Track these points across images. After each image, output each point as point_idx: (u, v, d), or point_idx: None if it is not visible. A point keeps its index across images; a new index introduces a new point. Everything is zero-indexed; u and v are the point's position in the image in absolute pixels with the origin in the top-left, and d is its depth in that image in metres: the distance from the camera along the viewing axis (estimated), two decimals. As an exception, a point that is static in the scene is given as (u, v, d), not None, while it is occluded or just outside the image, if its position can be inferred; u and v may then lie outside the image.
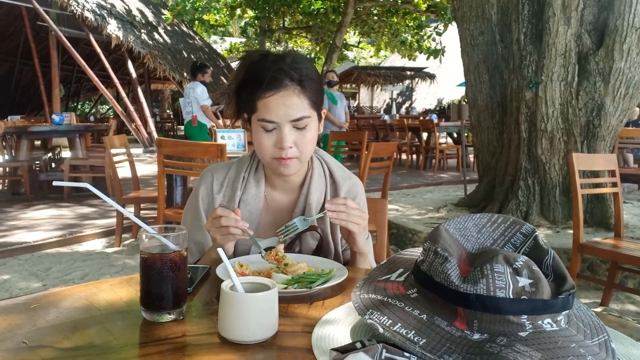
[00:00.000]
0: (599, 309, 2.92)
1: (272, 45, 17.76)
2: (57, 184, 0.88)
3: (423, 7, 12.73)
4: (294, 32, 16.25)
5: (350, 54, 25.03)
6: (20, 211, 5.36)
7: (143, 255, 0.88)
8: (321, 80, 1.25)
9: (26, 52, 13.74)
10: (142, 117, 12.52)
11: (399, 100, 22.06)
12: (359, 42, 21.61)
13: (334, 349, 0.66)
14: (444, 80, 18.60)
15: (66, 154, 6.09)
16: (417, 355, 0.63)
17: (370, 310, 0.71)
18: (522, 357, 0.59)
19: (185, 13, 11.31)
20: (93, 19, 11.00)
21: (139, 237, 0.90)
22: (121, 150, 4.21)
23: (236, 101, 1.23)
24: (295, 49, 19.22)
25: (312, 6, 13.73)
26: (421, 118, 12.47)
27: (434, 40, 13.27)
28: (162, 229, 0.90)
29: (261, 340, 0.78)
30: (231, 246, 1.15)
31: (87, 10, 11.00)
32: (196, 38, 15.13)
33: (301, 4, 13.53)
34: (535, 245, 0.74)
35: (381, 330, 0.67)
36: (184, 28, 14.73)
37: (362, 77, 17.80)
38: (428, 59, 13.20)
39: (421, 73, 17.86)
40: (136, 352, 0.75)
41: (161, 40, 12.70)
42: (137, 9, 13.04)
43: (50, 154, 7.30)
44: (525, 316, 0.64)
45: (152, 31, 12.68)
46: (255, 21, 14.83)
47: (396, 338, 0.65)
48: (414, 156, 10.58)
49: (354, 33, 16.59)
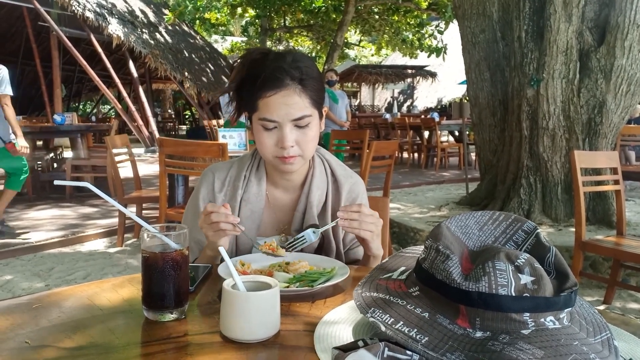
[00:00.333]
0: (602, 307, 2.92)
1: (273, 44, 17.75)
2: (58, 183, 0.88)
3: (424, 5, 12.71)
4: (295, 31, 16.23)
5: (351, 53, 24.98)
6: (22, 211, 5.36)
7: (145, 254, 0.88)
8: (322, 78, 1.25)
9: (27, 53, 13.75)
10: (144, 117, 12.52)
11: (401, 98, 22.04)
12: (360, 41, 21.59)
13: (336, 348, 0.66)
14: (445, 78, 18.59)
15: (68, 154, 6.09)
16: (420, 353, 0.63)
17: (372, 308, 0.71)
18: (525, 355, 0.59)
19: (187, 13, 11.32)
20: (94, 19, 11.00)
21: (141, 237, 0.90)
22: (123, 150, 4.21)
23: (237, 100, 1.23)
24: (296, 48, 19.22)
25: (313, 4, 13.70)
26: (422, 116, 12.44)
27: (435, 38, 13.26)
28: (164, 228, 0.90)
29: (263, 339, 0.78)
30: (226, 242, 1.14)
31: (88, 10, 11.00)
32: (197, 37, 15.13)
33: (302, 3, 13.51)
34: (537, 242, 0.74)
35: (383, 328, 0.67)
36: (185, 28, 14.72)
37: (364, 76, 17.77)
38: (429, 57, 13.18)
39: (422, 71, 17.82)
40: (138, 351, 0.75)
41: (162, 39, 12.70)
42: (138, 9, 13.04)
43: (52, 154, 7.31)
44: (527, 314, 0.64)
45: (153, 31, 12.68)
46: (256, 20, 14.80)
47: (398, 336, 0.65)
48: (416, 155, 10.57)
49: (355, 32, 16.56)
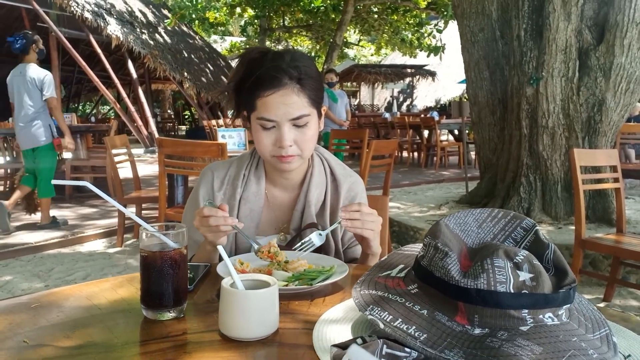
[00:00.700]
0: (602, 305, 2.92)
1: (273, 44, 17.75)
2: (56, 183, 0.88)
3: (423, 5, 12.71)
4: (294, 31, 16.23)
5: (350, 52, 25.00)
6: (22, 212, 5.36)
7: (143, 253, 0.88)
8: (321, 77, 1.25)
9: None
10: (143, 117, 12.52)
11: (400, 98, 22.02)
12: (359, 40, 21.58)
13: (335, 345, 0.66)
14: (445, 77, 18.58)
15: (67, 155, 6.09)
16: (418, 350, 0.63)
17: (370, 306, 0.71)
18: (523, 351, 0.59)
19: (188, 16, 11.32)
20: (93, 20, 10.99)
21: (139, 236, 0.90)
22: (122, 150, 4.21)
23: (236, 99, 1.23)
24: (295, 48, 19.21)
25: (312, 4, 13.70)
26: (422, 115, 12.44)
27: (434, 37, 13.26)
28: (162, 227, 0.90)
29: (262, 337, 0.78)
30: (224, 239, 1.14)
31: (87, 10, 10.99)
32: (196, 38, 15.12)
33: (301, 2, 13.50)
34: (535, 239, 0.74)
35: (382, 326, 0.67)
36: (184, 28, 14.71)
37: (363, 75, 17.77)
38: (429, 57, 13.18)
39: (422, 71, 17.82)
40: (137, 350, 0.75)
41: (161, 40, 12.69)
42: (137, 9, 13.04)
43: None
44: (526, 310, 0.64)
45: (153, 31, 12.67)
46: (255, 20, 14.81)
47: (397, 334, 0.65)
48: (415, 154, 10.57)
49: (354, 31, 16.55)
